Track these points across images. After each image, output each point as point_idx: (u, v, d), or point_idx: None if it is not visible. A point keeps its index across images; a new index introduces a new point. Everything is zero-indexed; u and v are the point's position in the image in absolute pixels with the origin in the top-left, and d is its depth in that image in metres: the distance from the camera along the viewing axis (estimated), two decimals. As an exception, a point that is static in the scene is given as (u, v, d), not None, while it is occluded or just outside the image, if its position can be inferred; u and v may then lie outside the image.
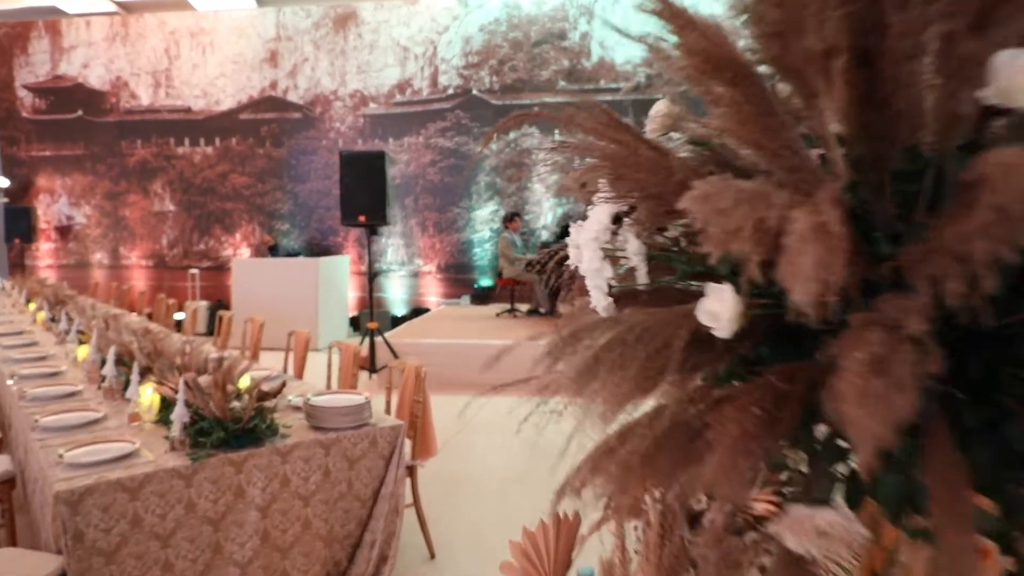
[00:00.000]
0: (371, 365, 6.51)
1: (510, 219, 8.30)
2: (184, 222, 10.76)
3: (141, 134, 10.72)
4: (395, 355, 6.43)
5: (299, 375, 4.30)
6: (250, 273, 8.90)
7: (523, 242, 8.53)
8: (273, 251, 9.50)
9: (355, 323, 10.10)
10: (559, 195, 9.86)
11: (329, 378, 3.92)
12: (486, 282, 9.98)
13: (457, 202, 10.10)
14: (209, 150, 10.61)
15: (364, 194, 6.16)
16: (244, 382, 2.65)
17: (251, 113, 10.49)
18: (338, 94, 10.31)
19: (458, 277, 10.15)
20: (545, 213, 9.96)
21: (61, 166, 10.97)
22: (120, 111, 10.78)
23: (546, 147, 0.95)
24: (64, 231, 11.03)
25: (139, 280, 10.89)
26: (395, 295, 10.36)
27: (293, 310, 8.77)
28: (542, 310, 8.17)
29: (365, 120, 10.29)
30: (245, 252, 10.61)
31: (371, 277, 6.65)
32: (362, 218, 6.21)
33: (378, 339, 6.53)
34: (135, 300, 8.20)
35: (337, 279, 9.55)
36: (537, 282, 8.03)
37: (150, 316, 7.06)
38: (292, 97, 10.39)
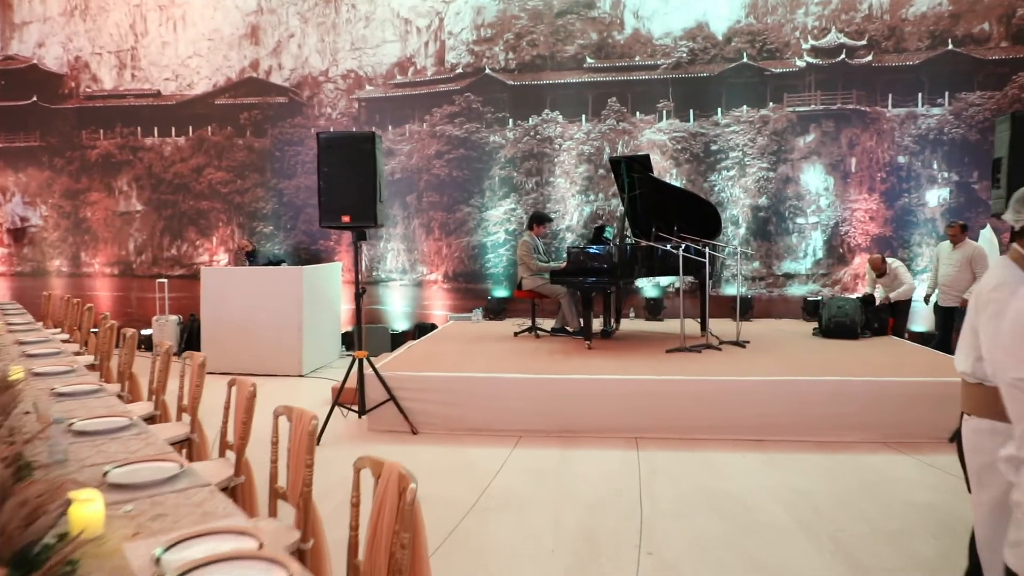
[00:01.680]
0: (360, 404, 5.32)
1: (538, 221, 7.08)
2: (153, 224, 9.62)
3: (104, 123, 9.60)
4: (389, 392, 5.24)
5: (237, 447, 3.08)
6: (221, 284, 7.74)
7: (545, 247, 7.32)
8: (251, 258, 8.34)
9: (349, 341, 8.91)
10: (587, 191, 8.66)
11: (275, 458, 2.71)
12: (501, 293, 8.77)
13: (467, 200, 8.91)
14: (181, 141, 9.47)
15: (348, 187, 4.98)
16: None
17: (229, 98, 9.35)
18: (329, 75, 9.15)
19: (468, 287, 8.95)
20: (570, 212, 8.74)
21: (13, 160, 9.87)
22: (80, 96, 9.67)
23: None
24: (18, 234, 9.92)
25: (103, 290, 9.76)
26: (395, 308, 9.17)
27: (272, 328, 7.62)
28: (570, 328, 6.95)
29: (360, 105, 9.12)
30: (223, 258, 9.46)
31: (359, 294, 5.44)
32: (346, 218, 5.03)
33: (369, 371, 5.33)
34: (82, 316, 7.04)
35: (327, 290, 8.37)
36: (565, 295, 6.81)
37: (86, 334, 5.89)
38: (276, 79, 9.24)
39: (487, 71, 8.81)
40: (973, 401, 2.12)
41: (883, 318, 6.88)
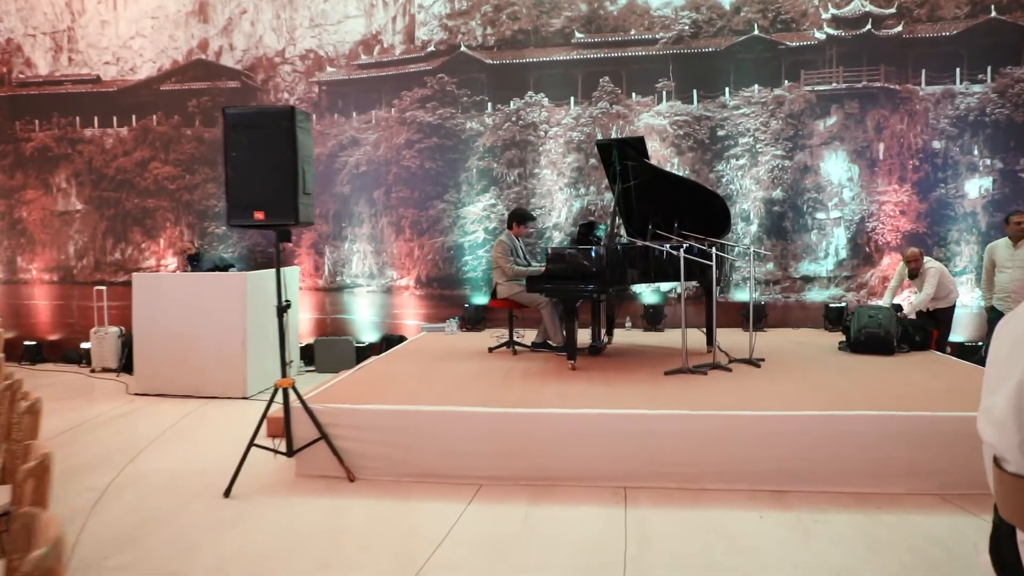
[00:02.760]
0: (288, 444, 4.34)
1: (518, 220, 6.09)
2: (95, 225, 8.67)
3: (39, 112, 8.66)
4: (320, 429, 4.26)
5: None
6: (155, 293, 6.79)
7: (525, 250, 6.32)
8: (194, 262, 7.37)
9: (310, 355, 7.93)
10: (577, 183, 7.66)
11: None
12: (480, 300, 7.78)
13: (441, 195, 7.92)
14: (124, 131, 8.52)
15: (263, 176, 3.99)
16: None
17: (176, 83, 8.39)
18: (286, 56, 8.18)
19: (443, 294, 7.96)
20: (558, 208, 7.74)
21: (-61, 155, 8.93)
22: (11, 83, 8.73)
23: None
24: (-54, 238, 8.98)
25: (42, 299, 8.81)
26: (362, 317, 8.19)
27: (212, 343, 6.67)
28: (553, 343, 5.96)
29: (321, 89, 8.15)
30: (172, 263, 8.50)
31: (280, 310, 4.46)
32: (259, 215, 4.06)
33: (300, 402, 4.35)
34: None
35: (272, 300, 7.36)
36: (546, 304, 5.81)
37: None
38: (227, 61, 8.28)
39: (462, 49, 7.81)
40: None
41: (926, 330, 5.85)
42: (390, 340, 7.75)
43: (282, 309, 4.44)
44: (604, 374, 5.16)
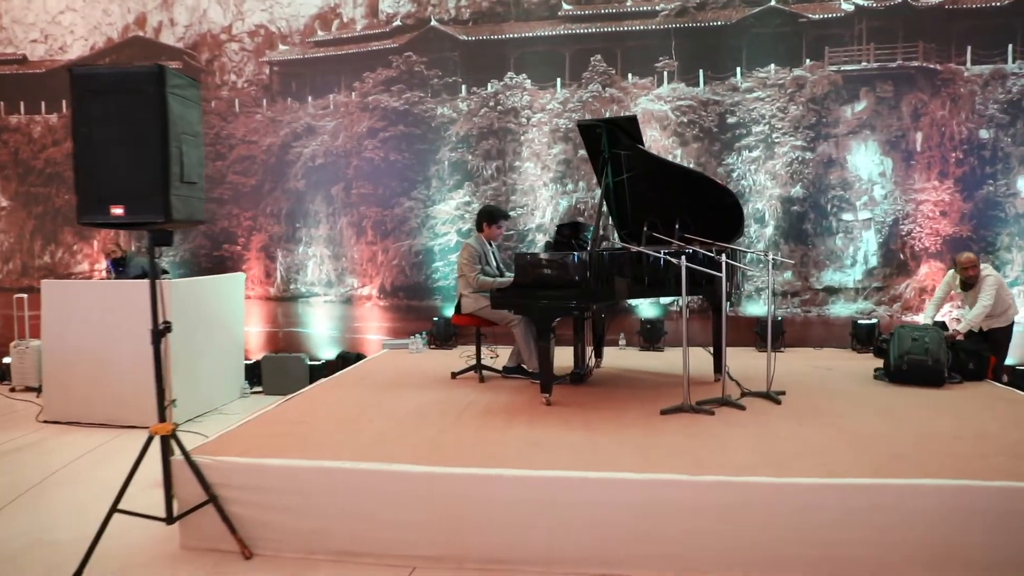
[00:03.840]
0: (168, 508, 3.34)
1: (489, 219, 5.09)
2: (22, 224, 7.71)
3: (-42, 97, 7.70)
4: (207, 490, 3.27)
5: None
6: (66, 303, 5.80)
7: (500, 256, 5.32)
8: (119, 267, 6.39)
9: (256, 375, 6.94)
10: (564, 178, 6.67)
11: None
12: (452, 312, 6.76)
13: (408, 191, 6.93)
14: (54, 118, 7.55)
15: (123, 159, 2.99)
16: None
17: (111, 63, 7.40)
18: (233, 33, 7.20)
19: (411, 305, 6.97)
20: (542, 206, 6.74)
21: None
22: (-73, 64, 7.77)
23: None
24: None
25: (-36, 307, 7.84)
26: (319, 331, 7.20)
27: (132, 363, 5.65)
28: (527, 368, 4.95)
29: (272, 70, 7.17)
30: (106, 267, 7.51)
31: (157, 335, 3.48)
32: (117, 210, 3.04)
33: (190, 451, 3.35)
34: None
35: (221, 309, 6.41)
36: (518, 322, 4.80)
37: None
38: (167, 38, 7.31)
39: (433, 23, 6.82)
40: None
41: (982, 355, 4.81)
42: (347, 358, 6.76)
43: (159, 333, 3.43)
44: (585, 412, 4.14)
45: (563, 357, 5.19)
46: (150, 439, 3.36)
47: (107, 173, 3.04)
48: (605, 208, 5.06)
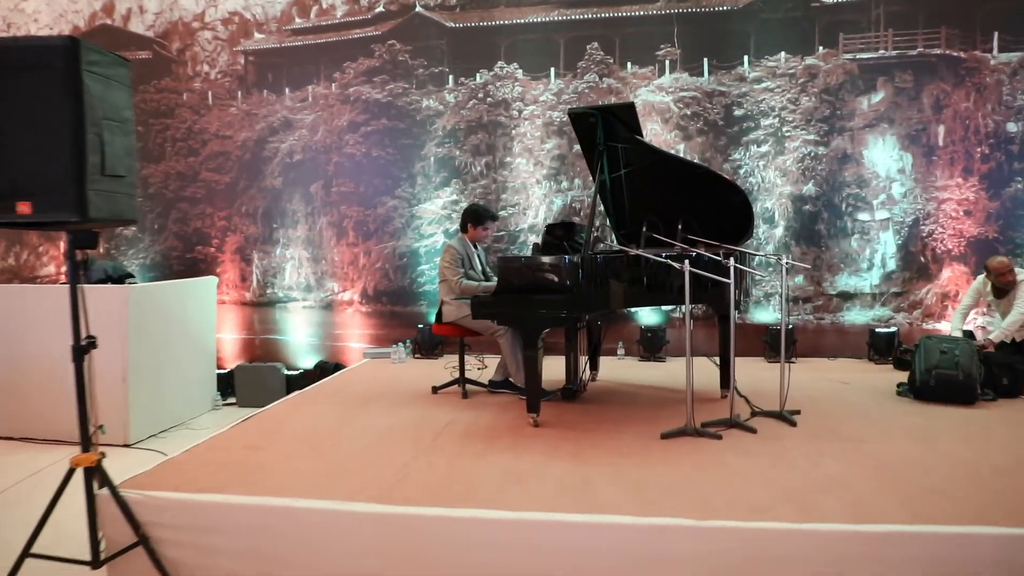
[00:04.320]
0: (93, 550, 2.90)
1: (475, 220, 4.65)
2: (-15, 224, 7.26)
3: (-83, 90, 7.26)
4: (136, 531, 2.83)
5: None
6: (13, 309, 5.37)
7: (486, 259, 4.88)
8: (84, 269, 5.95)
9: (229, 385, 6.50)
10: (558, 175, 6.24)
11: None
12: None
13: (392, 190, 6.50)
14: (17, 113, 7.10)
15: (32, 146, 2.55)
16: None
17: (76, 53, 6.98)
18: (206, 20, 6.77)
19: (395, 311, 6.53)
20: (534, 205, 6.30)
21: None
22: None
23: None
24: None
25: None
26: (297, 339, 6.76)
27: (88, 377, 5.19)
28: (515, 382, 4.50)
29: (248, 60, 6.74)
30: (73, 270, 7.07)
31: (79, 351, 3.04)
32: (23, 207, 2.59)
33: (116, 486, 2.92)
34: None
35: (190, 317, 5.98)
36: (504, 332, 4.35)
37: None
38: (137, 26, 6.88)
39: (418, 9, 6.38)
40: None
41: (1016, 369, 4.35)
42: (325, 368, 6.32)
43: (82, 350, 2.99)
44: (576, 436, 3.69)
45: (555, 368, 4.76)
46: (71, 472, 2.92)
47: (12, 164, 2.60)
48: (601, 207, 4.63)
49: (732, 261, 3.70)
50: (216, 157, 6.76)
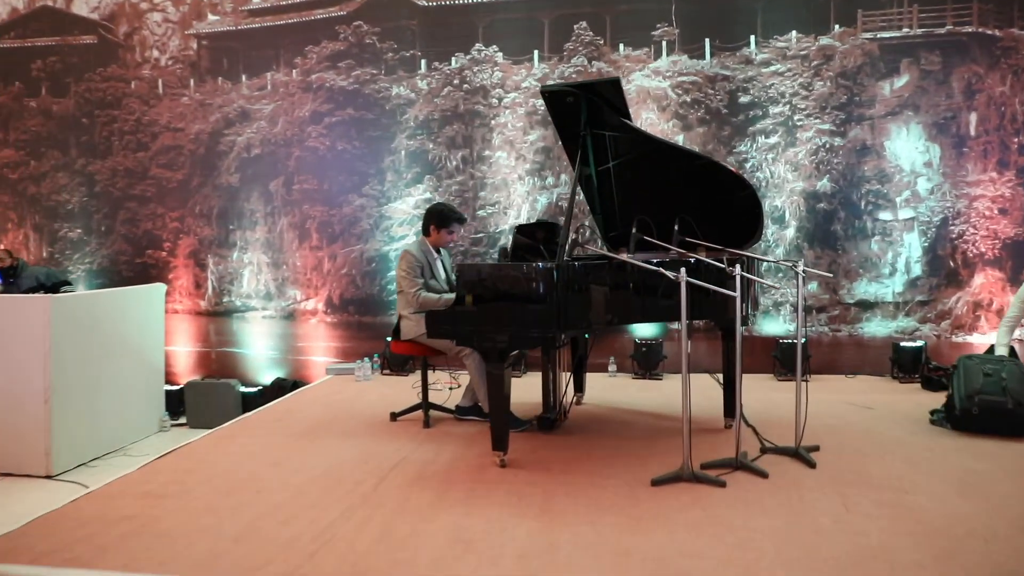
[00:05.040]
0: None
1: (438, 222, 4.01)
2: (-81, 226, 6.67)
3: None
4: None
5: None
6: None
7: (452, 267, 4.26)
8: (9, 278, 5.34)
9: (181, 404, 5.88)
10: (542, 171, 5.62)
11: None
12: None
13: (359, 187, 5.88)
14: (-48, 103, 6.53)
15: None
16: None
17: (15, 39, 6.41)
18: (155, 0, 6.15)
19: (363, 321, 5.91)
20: (516, 203, 5.67)
21: None
22: None
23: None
24: None
25: None
26: (256, 352, 6.14)
27: (5, 397, 4.61)
28: (483, 405, 3.86)
29: (201, 44, 6.13)
30: (15, 276, 6.46)
31: None
32: None
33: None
34: None
35: (133, 329, 5.36)
36: (471, 352, 3.71)
37: None
38: (80, 9, 6.29)
39: (387, -14, 5.77)
40: None
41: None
42: (282, 385, 5.69)
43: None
44: (549, 481, 3.05)
45: (535, 387, 4.11)
46: None
47: None
48: (590, 206, 4.00)
49: (738, 269, 3.07)
50: (167, 152, 6.14)
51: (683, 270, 2.89)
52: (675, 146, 3.96)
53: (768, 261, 4.42)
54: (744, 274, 3.15)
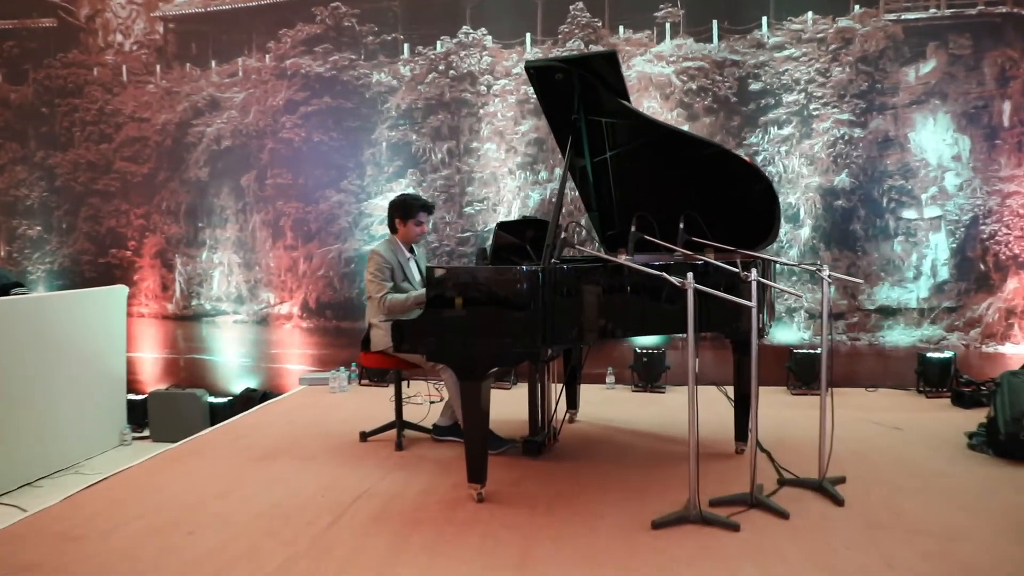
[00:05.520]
0: None
1: (403, 213, 3.57)
2: None
3: None
4: None
5: None
6: None
7: (424, 268, 3.84)
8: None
9: (143, 415, 5.46)
10: (534, 164, 5.19)
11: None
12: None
13: (337, 182, 5.45)
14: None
15: None
16: None
17: (-30, 21, 5.98)
18: (120, -20, 5.73)
19: (341, 327, 5.48)
20: (507, 200, 5.23)
21: None
22: None
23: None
24: None
25: None
26: (227, 359, 5.71)
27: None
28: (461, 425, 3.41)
29: (167, 28, 5.69)
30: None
31: None
32: None
33: None
34: None
35: (91, 335, 4.95)
36: (446, 368, 3.26)
37: None
38: (40, -11, 5.85)
39: (367, -37, 5.33)
40: None
41: None
42: (251, 397, 5.26)
43: None
44: (532, 521, 2.61)
45: (524, 403, 3.67)
46: None
47: None
48: (584, 203, 3.56)
49: (755, 274, 2.62)
50: (132, 143, 5.71)
51: (690, 275, 2.45)
52: (681, 132, 3.52)
53: (788, 264, 3.96)
54: (762, 280, 2.71)
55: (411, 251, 3.66)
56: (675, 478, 2.99)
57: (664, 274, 2.54)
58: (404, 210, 3.56)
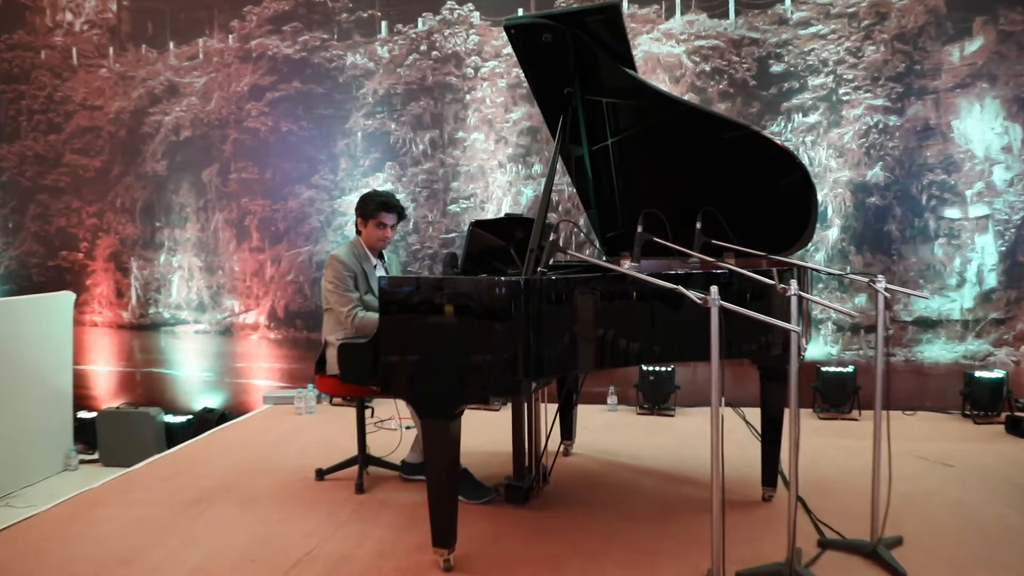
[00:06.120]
0: None
1: (363, 213, 3.01)
2: None
3: None
4: None
5: None
6: None
7: (401, 271, 3.29)
8: None
9: (92, 435, 4.91)
10: (527, 156, 4.63)
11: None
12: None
13: (307, 177, 4.90)
14: None
15: None
16: None
17: (-92, 0, 5.43)
18: (69, -47, 5.18)
19: (311, 338, 4.93)
20: (495, 195, 4.68)
21: None
22: None
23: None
24: None
25: None
26: (188, 373, 5.16)
27: None
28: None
29: (121, 5, 5.14)
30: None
31: None
32: None
33: None
34: None
35: (31, 347, 4.42)
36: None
37: None
38: (-17, -37, 5.30)
39: (341, -68, 4.77)
40: None
41: None
42: (206, 419, 4.71)
43: None
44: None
45: (510, 430, 3.10)
46: None
47: None
48: (581, 199, 2.99)
49: (794, 287, 2.06)
50: (83, 134, 5.17)
51: (715, 289, 1.89)
52: (699, 109, 2.96)
53: (833, 274, 3.39)
54: (802, 294, 2.15)
55: (380, 256, 3.10)
56: (691, 534, 2.43)
57: (680, 287, 1.98)
58: (362, 208, 3.01)
